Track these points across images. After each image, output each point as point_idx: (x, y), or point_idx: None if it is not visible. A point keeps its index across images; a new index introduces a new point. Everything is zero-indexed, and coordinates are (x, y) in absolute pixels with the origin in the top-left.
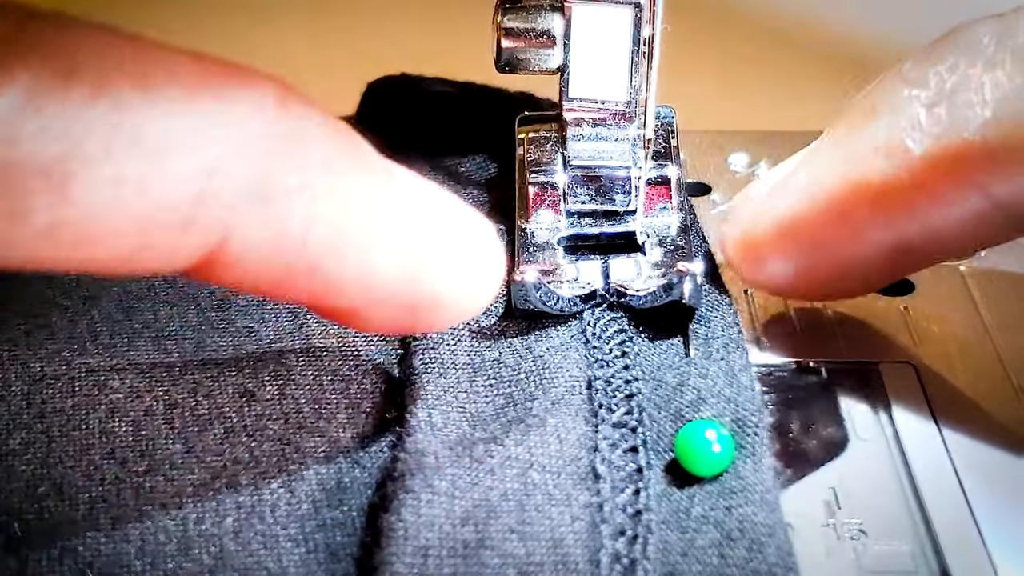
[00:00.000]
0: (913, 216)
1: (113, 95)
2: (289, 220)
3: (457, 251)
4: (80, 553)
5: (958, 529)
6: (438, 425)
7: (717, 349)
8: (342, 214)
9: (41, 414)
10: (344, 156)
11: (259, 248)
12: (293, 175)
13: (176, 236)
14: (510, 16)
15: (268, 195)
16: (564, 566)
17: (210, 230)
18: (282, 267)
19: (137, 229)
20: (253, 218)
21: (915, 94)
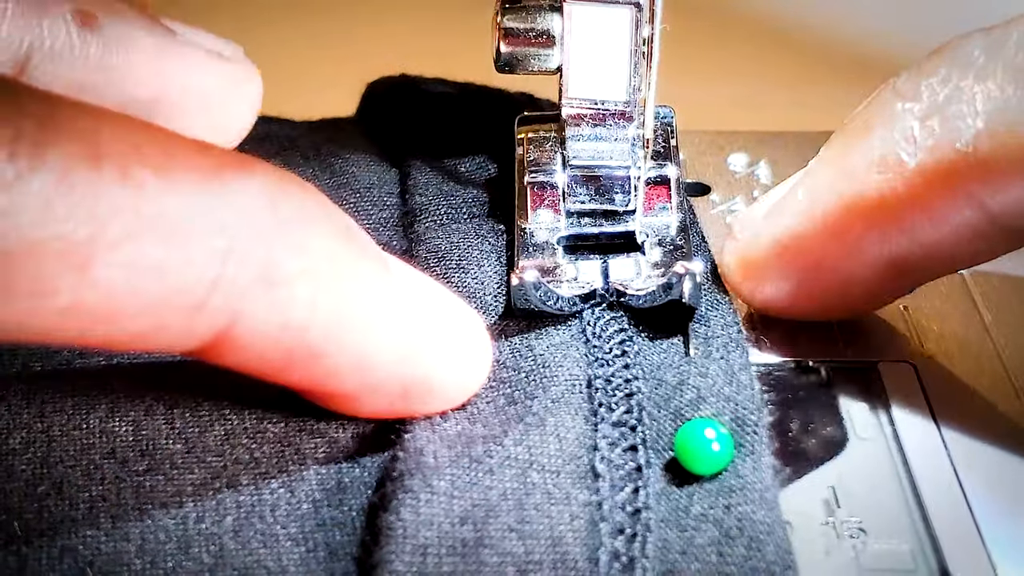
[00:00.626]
0: (908, 231)
1: (136, 179)
2: (293, 304)
3: (448, 339)
4: (80, 552)
5: (957, 528)
6: (437, 423)
7: (717, 348)
8: (342, 300)
9: (41, 413)
10: (343, 243)
11: (264, 332)
12: (297, 260)
13: (189, 318)
14: (510, 16)
15: (275, 280)
16: (563, 564)
17: (221, 313)
18: (285, 351)
19: (153, 311)
20: (260, 302)
21: (908, 107)
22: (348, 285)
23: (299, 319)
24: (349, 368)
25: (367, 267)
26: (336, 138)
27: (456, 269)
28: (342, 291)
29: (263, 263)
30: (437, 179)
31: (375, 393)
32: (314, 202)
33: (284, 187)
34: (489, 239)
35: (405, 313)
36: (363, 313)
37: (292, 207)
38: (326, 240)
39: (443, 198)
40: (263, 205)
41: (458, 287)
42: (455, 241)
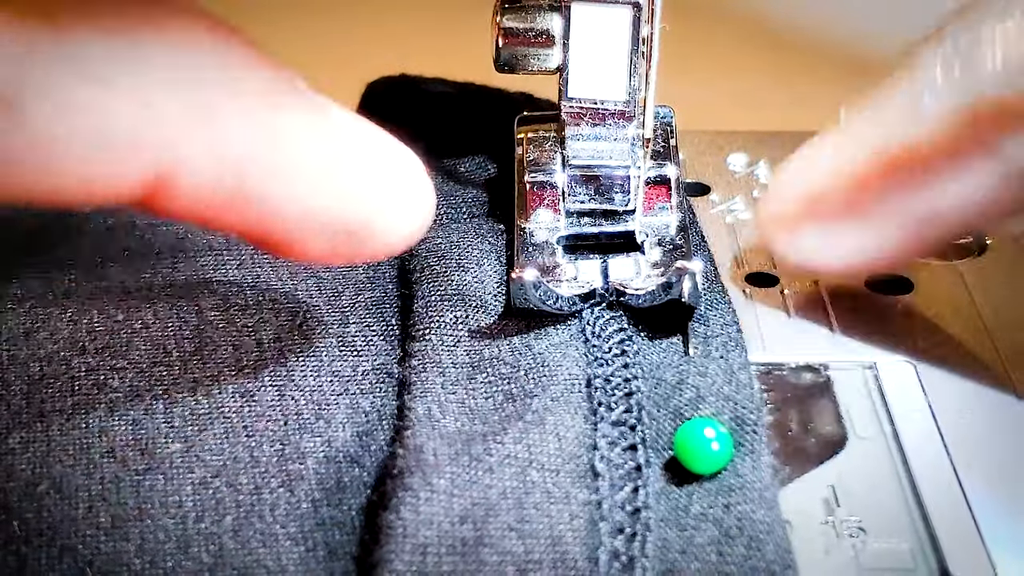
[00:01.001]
0: (936, 181)
1: (63, 26)
2: (229, 145)
3: (388, 182)
4: (79, 551)
5: (957, 527)
6: (437, 419)
7: (716, 348)
8: (280, 142)
9: (41, 413)
10: (281, 87)
11: (201, 173)
12: (231, 100)
13: (124, 160)
14: (509, 16)
15: (208, 118)
16: (563, 564)
17: (156, 153)
18: (224, 194)
19: (88, 154)
20: (195, 143)
21: (932, 57)
22: (284, 126)
23: (236, 158)
24: (289, 210)
25: (304, 110)
26: None
27: (456, 268)
28: (279, 133)
29: (195, 99)
30: (437, 179)
31: (317, 236)
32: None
33: (215, 30)
34: (489, 238)
35: (343, 156)
36: (301, 155)
37: (225, 49)
38: (260, 81)
39: (443, 198)
40: (194, 46)
41: (458, 286)
42: (455, 240)
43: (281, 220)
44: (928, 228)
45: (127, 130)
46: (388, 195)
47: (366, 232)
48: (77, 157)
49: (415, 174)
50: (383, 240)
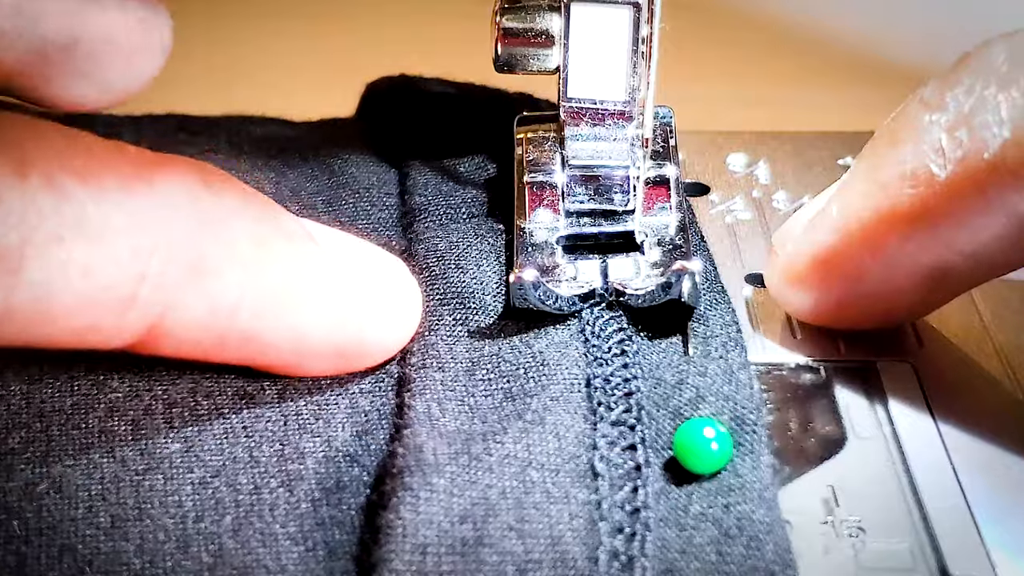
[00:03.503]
0: (945, 243)
1: (60, 186)
2: (222, 292)
3: (377, 296)
4: (79, 551)
5: (957, 527)
6: (436, 417)
7: (716, 347)
8: (269, 281)
9: (40, 413)
10: (267, 225)
11: (195, 321)
12: (222, 249)
13: (120, 314)
14: (509, 16)
15: (201, 271)
16: (563, 563)
17: (151, 307)
18: (218, 336)
19: (85, 309)
20: (189, 293)
21: (935, 119)
22: (273, 266)
23: (228, 305)
24: (283, 343)
25: (291, 245)
26: (336, 138)
27: (455, 269)
28: (268, 273)
29: (188, 255)
30: (436, 179)
31: (312, 359)
32: (234, 190)
33: (204, 180)
34: (488, 239)
35: (333, 282)
36: (291, 290)
37: (213, 199)
38: (248, 225)
39: (442, 198)
40: (185, 200)
41: (457, 287)
42: (454, 241)
43: (274, 353)
44: (938, 281)
45: (121, 288)
46: (378, 310)
47: (361, 349)
48: (73, 313)
49: (401, 279)
50: (378, 351)
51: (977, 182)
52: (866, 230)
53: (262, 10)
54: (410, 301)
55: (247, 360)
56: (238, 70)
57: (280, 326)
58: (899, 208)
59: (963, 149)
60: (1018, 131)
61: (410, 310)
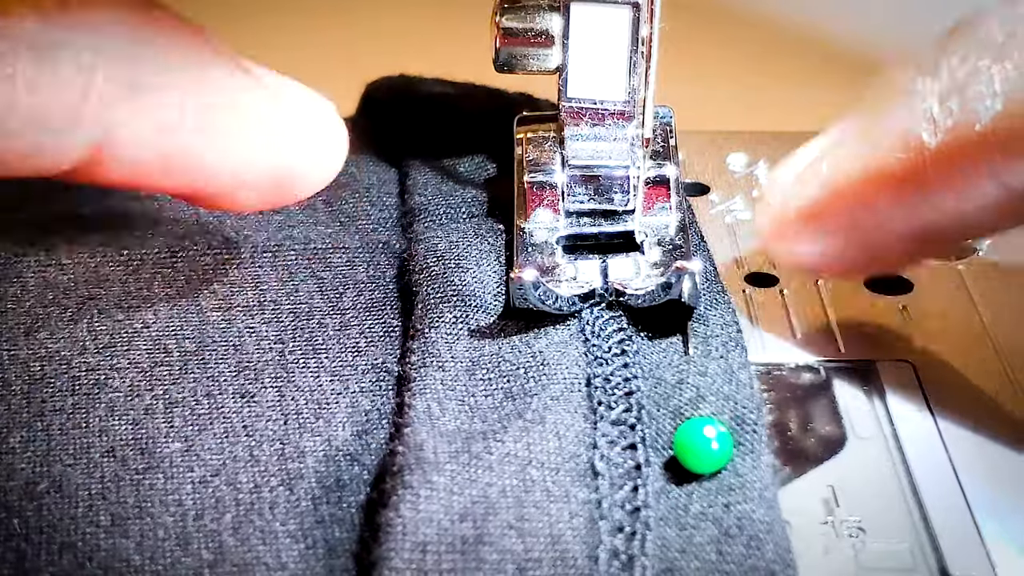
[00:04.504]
0: (933, 204)
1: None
2: (162, 111)
3: (309, 130)
4: (79, 548)
5: (956, 527)
6: (436, 415)
7: (716, 347)
8: (209, 104)
9: (41, 413)
10: (205, 51)
11: (137, 141)
12: (163, 72)
13: (65, 133)
14: (508, 16)
15: (142, 87)
16: (563, 562)
17: (94, 125)
18: (160, 158)
19: (31, 127)
20: (131, 110)
21: (928, 86)
22: (212, 88)
23: (169, 124)
24: (222, 168)
25: (227, 71)
26: None
27: (455, 268)
28: (207, 93)
29: (129, 73)
30: (436, 179)
31: (246, 189)
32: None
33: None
34: (488, 239)
35: (268, 111)
36: (228, 112)
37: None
38: (188, 49)
39: (442, 198)
40: (126, 24)
41: (457, 286)
42: (454, 240)
43: (213, 179)
44: (926, 239)
45: (68, 107)
46: (310, 142)
47: (291, 180)
48: (19, 132)
49: (329, 117)
50: (306, 184)
51: (967, 152)
52: (855, 190)
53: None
54: (336, 135)
55: (188, 188)
56: None
57: (219, 148)
58: (889, 172)
59: (954, 118)
60: (1010, 104)
61: (338, 147)
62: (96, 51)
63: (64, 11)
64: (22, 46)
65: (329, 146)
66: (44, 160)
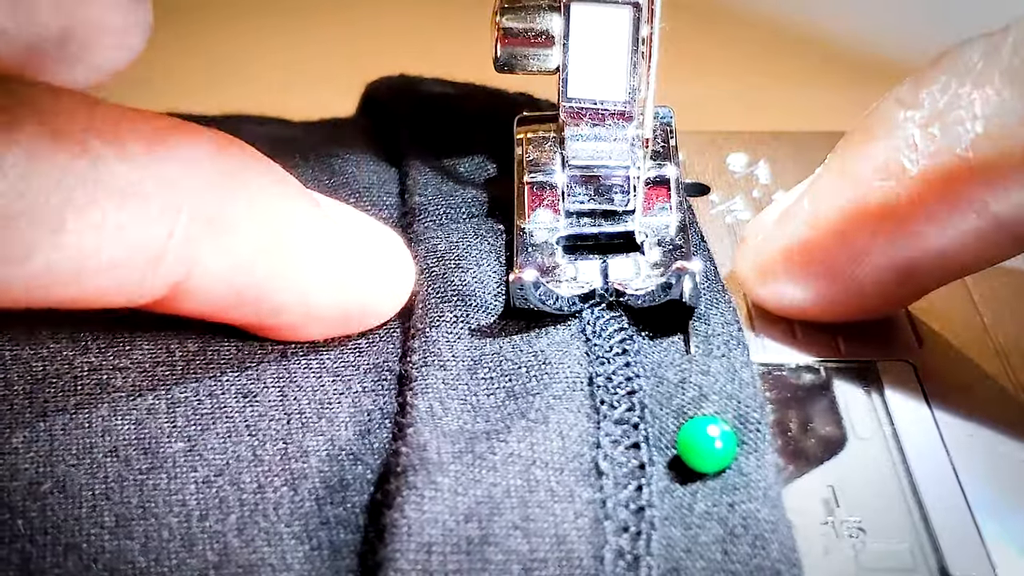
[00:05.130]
0: (915, 238)
1: (93, 151)
2: (241, 248)
3: (377, 261)
4: (84, 549)
5: (957, 527)
6: (439, 415)
7: (718, 346)
8: (284, 238)
9: (43, 412)
10: (280, 187)
11: (215, 277)
12: (241, 205)
13: (148, 272)
14: (509, 16)
15: (222, 227)
16: (568, 562)
17: (176, 264)
18: (235, 293)
19: (116, 268)
20: (210, 249)
21: (910, 115)
22: (288, 224)
23: (246, 261)
24: (292, 302)
25: (302, 206)
26: (336, 138)
27: (455, 269)
28: (283, 231)
29: (210, 212)
30: (436, 179)
31: (316, 322)
32: (251, 155)
33: (223, 144)
34: (488, 239)
35: (339, 245)
36: (302, 249)
37: (233, 160)
38: (265, 186)
39: (442, 198)
40: (207, 162)
41: (457, 287)
42: (454, 241)
43: (285, 315)
44: (909, 280)
45: (151, 246)
46: (378, 274)
47: (361, 314)
48: (104, 271)
49: (397, 250)
50: (375, 317)
51: (948, 178)
52: (836, 224)
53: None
54: (405, 268)
55: (258, 320)
56: (238, 70)
57: (291, 285)
58: (869, 202)
59: (936, 145)
60: (990, 128)
61: (405, 276)
62: (180, 190)
63: (150, 153)
64: (111, 193)
65: (396, 279)
66: (122, 297)
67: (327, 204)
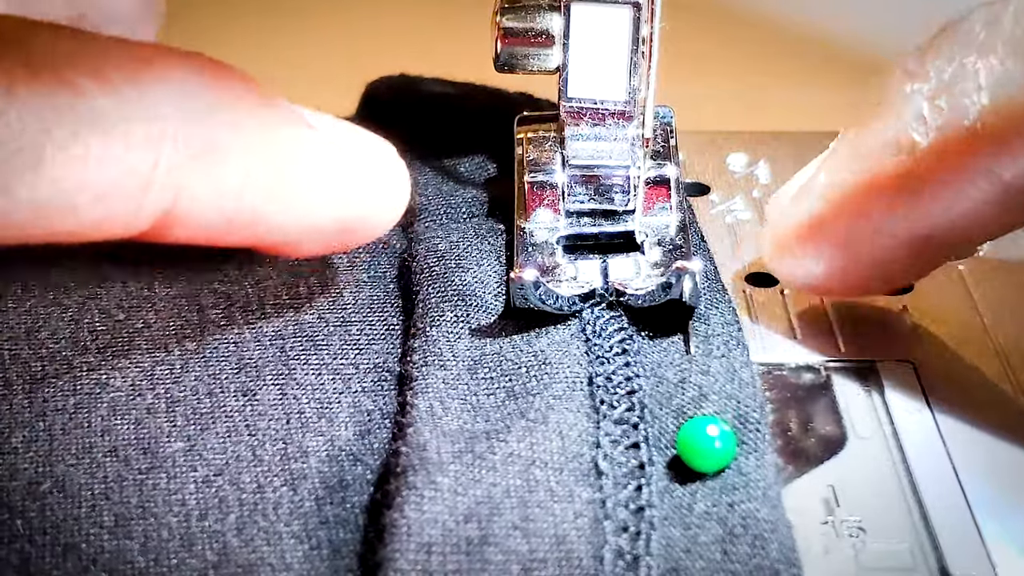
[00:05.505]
0: (928, 208)
1: (72, 82)
2: (230, 174)
3: (372, 174)
4: (83, 550)
5: (957, 527)
6: (439, 414)
7: (718, 346)
8: (275, 162)
9: (43, 412)
10: (268, 108)
11: (206, 203)
12: (228, 132)
13: (137, 201)
14: (509, 16)
15: (210, 154)
16: (568, 562)
17: (164, 193)
18: (227, 218)
19: (104, 199)
20: (199, 177)
21: (917, 88)
22: (277, 147)
23: (236, 186)
24: (288, 222)
25: (291, 128)
26: None
27: (455, 268)
28: (273, 154)
29: (197, 140)
30: (437, 179)
31: (314, 236)
32: (236, 78)
33: (206, 69)
34: (488, 239)
35: (331, 160)
36: (293, 169)
37: (217, 86)
38: (251, 111)
39: (442, 198)
40: (192, 88)
41: (458, 286)
42: (454, 240)
43: (277, 233)
44: (925, 251)
45: (137, 176)
46: (373, 189)
47: (355, 227)
48: (91, 204)
49: (390, 159)
50: (374, 228)
51: (958, 148)
52: (851, 198)
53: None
54: (400, 177)
55: (252, 241)
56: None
57: (285, 206)
58: (883, 176)
59: (944, 117)
60: (996, 98)
61: (401, 184)
62: (165, 119)
63: (134, 83)
64: (93, 124)
65: (391, 189)
66: (113, 228)
67: (316, 120)
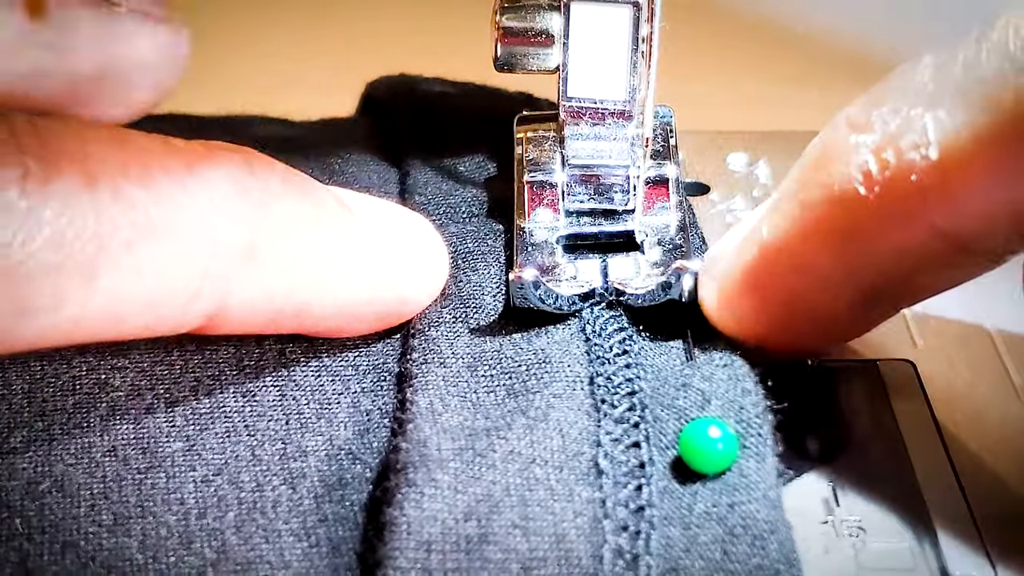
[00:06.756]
0: (874, 264)
1: (125, 195)
2: (275, 275)
3: (411, 255)
4: (82, 547)
5: (957, 527)
6: (439, 411)
7: (720, 354)
8: (317, 258)
9: (42, 412)
10: (309, 203)
11: (251, 303)
12: (273, 233)
13: (185, 307)
14: (509, 15)
15: (256, 256)
16: (567, 561)
17: (212, 296)
18: (271, 314)
19: (154, 306)
20: (245, 279)
21: (862, 140)
22: (320, 244)
23: (280, 287)
24: (331, 313)
25: (333, 219)
26: (336, 138)
27: (455, 268)
28: (315, 251)
29: (243, 243)
30: (436, 178)
31: (355, 325)
32: (276, 172)
33: (248, 165)
34: (488, 238)
35: (371, 247)
36: (337, 264)
37: (259, 183)
38: (293, 206)
39: (442, 197)
40: (234, 189)
41: (457, 287)
42: (454, 240)
43: (323, 323)
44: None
45: (187, 284)
46: (413, 268)
47: (399, 308)
48: (142, 312)
49: (428, 236)
50: (412, 308)
51: (904, 204)
52: (794, 251)
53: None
54: (438, 253)
55: (300, 329)
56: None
57: (329, 298)
58: (827, 231)
59: (890, 170)
60: (944, 152)
61: (439, 261)
62: (214, 226)
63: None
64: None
65: (430, 265)
66: (161, 330)
67: (353, 201)
